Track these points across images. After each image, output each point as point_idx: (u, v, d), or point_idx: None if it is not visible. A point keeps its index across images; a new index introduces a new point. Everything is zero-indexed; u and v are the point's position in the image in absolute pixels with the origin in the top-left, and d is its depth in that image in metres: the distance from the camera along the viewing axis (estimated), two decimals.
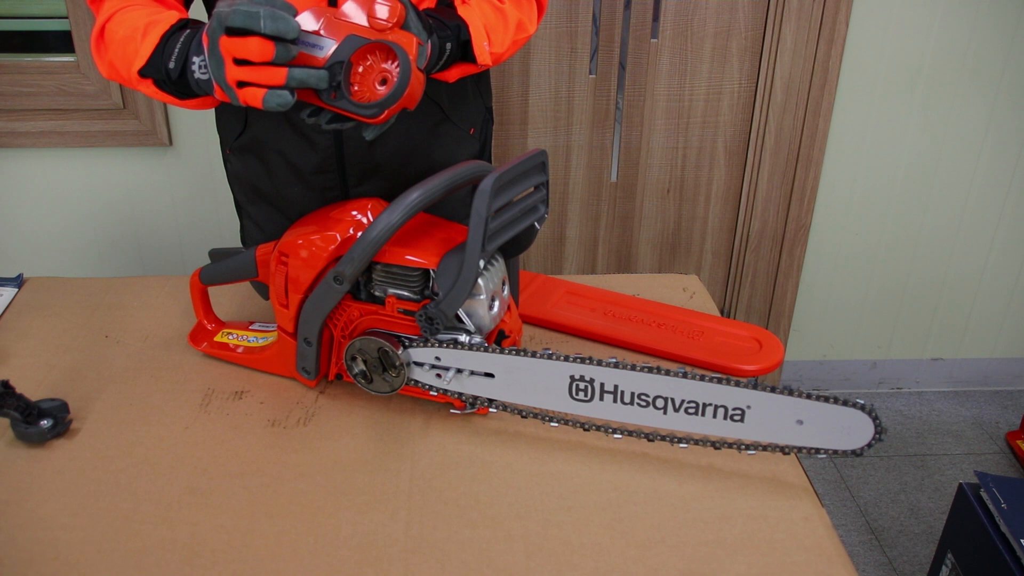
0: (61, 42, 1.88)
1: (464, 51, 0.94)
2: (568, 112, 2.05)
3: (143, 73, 0.85)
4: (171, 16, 0.87)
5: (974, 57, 2.01)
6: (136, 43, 0.85)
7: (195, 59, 0.81)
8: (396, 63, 0.77)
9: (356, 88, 0.78)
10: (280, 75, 0.74)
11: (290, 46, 0.74)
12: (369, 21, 0.78)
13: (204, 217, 2.02)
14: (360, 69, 0.78)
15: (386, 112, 0.77)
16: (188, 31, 0.84)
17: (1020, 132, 2.10)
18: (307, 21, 0.78)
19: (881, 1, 1.93)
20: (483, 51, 0.94)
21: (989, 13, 1.96)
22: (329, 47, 0.77)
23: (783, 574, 0.72)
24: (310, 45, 0.78)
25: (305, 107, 0.82)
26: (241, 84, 0.76)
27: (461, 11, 0.95)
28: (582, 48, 1.98)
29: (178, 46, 0.82)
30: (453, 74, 0.96)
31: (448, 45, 0.89)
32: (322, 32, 0.78)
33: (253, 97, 0.76)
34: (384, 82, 0.77)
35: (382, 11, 0.77)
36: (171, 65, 0.83)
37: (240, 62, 0.75)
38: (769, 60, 1.99)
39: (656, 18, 1.96)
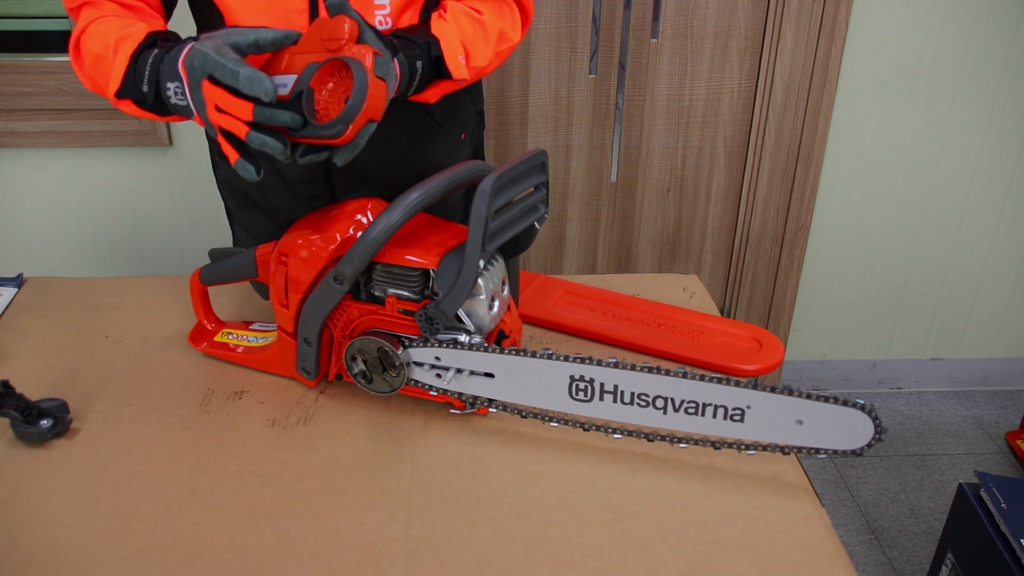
0: (61, 42, 1.88)
1: (439, 68, 0.92)
2: (568, 112, 2.05)
3: (120, 95, 0.85)
4: (140, 31, 0.86)
5: (974, 57, 2.01)
6: (109, 61, 0.85)
7: (169, 84, 0.80)
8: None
9: (321, 113, 0.77)
10: (242, 131, 0.76)
11: (267, 110, 0.74)
12: (323, 44, 0.77)
13: (204, 217, 2.02)
14: (324, 93, 0.77)
15: (350, 127, 0.75)
16: (156, 51, 0.83)
17: (1020, 132, 2.11)
18: (272, 65, 0.79)
19: (881, 1, 1.93)
20: (458, 66, 0.92)
21: (989, 13, 1.96)
22: (291, 81, 0.78)
23: (783, 574, 0.72)
24: (277, 85, 0.78)
25: None
26: (222, 132, 0.77)
27: (435, 27, 0.93)
28: (582, 48, 1.98)
29: (147, 68, 0.82)
30: (432, 94, 0.94)
31: (418, 64, 0.88)
32: (284, 69, 0.78)
33: (227, 152, 0.78)
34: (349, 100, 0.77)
35: (333, 30, 0.77)
36: (145, 89, 0.82)
37: (222, 111, 0.76)
38: (769, 60, 1.99)
39: (656, 18, 1.96)
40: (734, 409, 0.77)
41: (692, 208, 2.19)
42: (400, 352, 0.85)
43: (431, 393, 0.88)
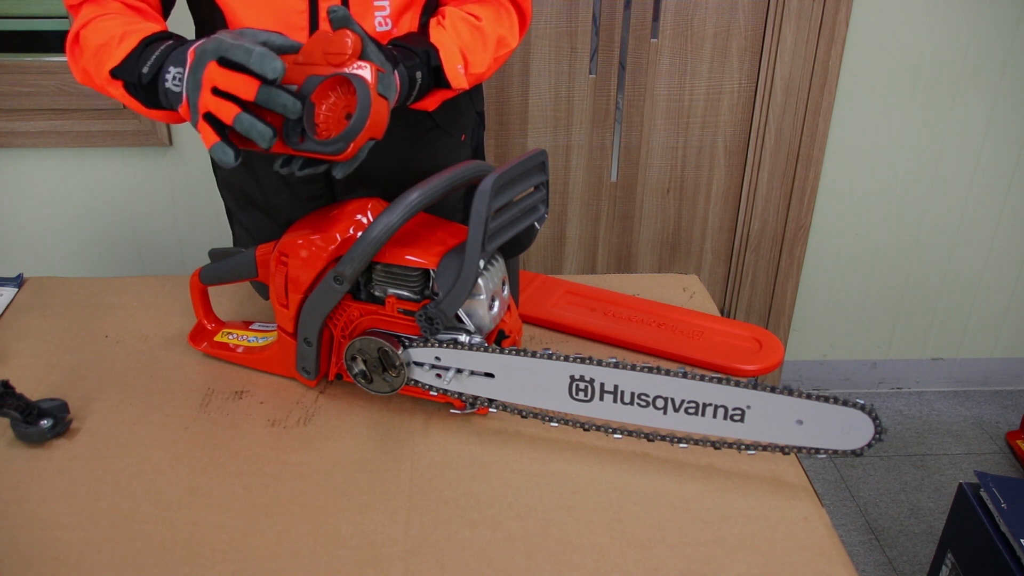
0: (61, 42, 1.87)
1: (437, 77, 0.92)
2: (568, 112, 2.05)
3: (114, 73, 0.85)
4: (151, 26, 0.87)
5: (974, 57, 2.01)
6: (111, 49, 0.85)
7: (171, 69, 0.80)
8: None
9: (321, 127, 0.77)
10: (231, 114, 0.75)
11: (271, 88, 0.74)
12: (325, 58, 0.77)
13: (204, 217, 2.02)
14: (324, 108, 0.77)
15: (351, 145, 0.75)
16: (170, 42, 0.83)
17: (1020, 132, 2.11)
18: None
19: (881, 1, 1.93)
20: (457, 75, 0.92)
21: (989, 13, 1.96)
22: (291, 91, 0.77)
23: (783, 574, 0.72)
24: None
25: (276, 158, 0.81)
26: (206, 116, 0.77)
27: (434, 34, 0.93)
28: (582, 48, 1.98)
29: (155, 54, 0.82)
30: (431, 102, 0.94)
31: (418, 74, 0.88)
32: (283, 79, 0.77)
33: (205, 135, 0.77)
34: (350, 116, 0.76)
35: (337, 45, 0.76)
36: (144, 70, 0.82)
37: (218, 94, 0.75)
38: (769, 60, 1.99)
39: (656, 18, 1.96)
40: (734, 409, 0.77)
41: (692, 208, 2.19)
42: (400, 352, 0.85)
43: (431, 393, 0.88)
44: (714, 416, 0.78)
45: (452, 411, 0.90)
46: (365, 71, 0.76)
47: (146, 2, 0.95)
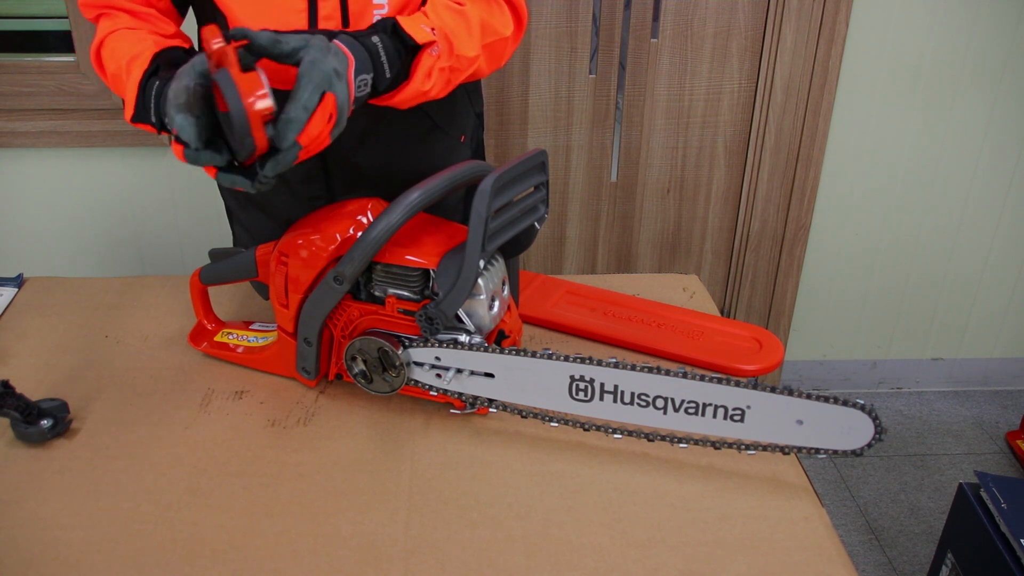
0: (61, 42, 1.88)
1: (403, 40, 0.87)
2: (568, 112, 2.05)
3: (135, 120, 0.88)
4: (147, 50, 0.87)
5: (974, 57, 2.01)
6: (123, 81, 0.87)
7: (167, 117, 0.82)
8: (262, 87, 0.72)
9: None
10: (212, 172, 0.79)
11: (193, 152, 0.75)
12: (214, 69, 0.73)
13: (204, 217, 2.02)
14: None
15: (253, 135, 0.72)
16: (158, 82, 0.84)
17: (1020, 132, 2.10)
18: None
19: (881, 1, 1.93)
20: (420, 31, 0.87)
21: (989, 13, 1.96)
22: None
23: (783, 574, 0.72)
24: None
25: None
26: None
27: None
28: (582, 48, 1.98)
29: (152, 100, 0.84)
30: (421, 78, 0.89)
31: (375, 39, 0.84)
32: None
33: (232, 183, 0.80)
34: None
35: (211, 48, 0.72)
36: (153, 120, 0.85)
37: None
38: (769, 60, 1.99)
39: (656, 18, 1.96)
40: (734, 409, 0.77)
41: (692, 208, 2.19)
42: (400, 352, 0.86)
43: (431, 393, 0.88)
44: (714, 416, 0.78)
45: (452, 411, 0.90)
46: (222, 55, 0.72)
47: (154, 7, 0.95)
